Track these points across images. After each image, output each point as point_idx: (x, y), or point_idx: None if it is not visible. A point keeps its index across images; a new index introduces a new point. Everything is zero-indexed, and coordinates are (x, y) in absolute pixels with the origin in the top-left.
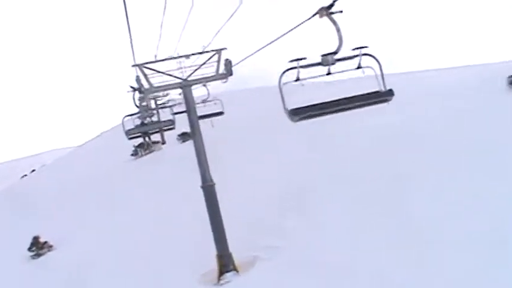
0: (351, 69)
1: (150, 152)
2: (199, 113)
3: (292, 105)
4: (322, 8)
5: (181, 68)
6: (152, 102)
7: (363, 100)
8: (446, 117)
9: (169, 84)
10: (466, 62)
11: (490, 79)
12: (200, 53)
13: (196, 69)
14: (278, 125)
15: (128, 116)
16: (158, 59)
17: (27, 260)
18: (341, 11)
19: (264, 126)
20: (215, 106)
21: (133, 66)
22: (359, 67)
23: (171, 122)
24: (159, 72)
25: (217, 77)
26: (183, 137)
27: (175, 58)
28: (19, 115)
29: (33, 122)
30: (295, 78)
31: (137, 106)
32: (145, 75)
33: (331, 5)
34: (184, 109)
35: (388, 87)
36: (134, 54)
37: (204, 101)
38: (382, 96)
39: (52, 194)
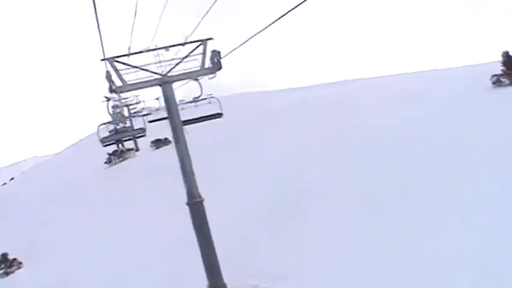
0: None
1: (124, 160)
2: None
3: None
4: None
5: (159, 62)
6: (125, 110)
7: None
8: (435, 118)
9: (146, 81)
10: (436, 65)
11: (473, 79)
12: (182, 44)
13: (177, 63)
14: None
15: (102, 124)
16: (133, 51)
17: None
18: None
19: (245, 129)
20: (208, 107)
21: (102, 60)
22: None
23: (142, 130)
24: (133, 67)
25: (202, 71)
26: (156, 143)
27: (152, 50)
28: None
29: (12, 131)
30: None
31: (111, 115)
32: (116, 71)
33: None
34: (162, 116)
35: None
36: (103, 46)
37: (195, 100)
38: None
39: (27, 203)
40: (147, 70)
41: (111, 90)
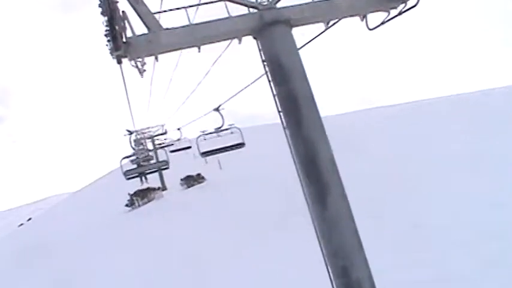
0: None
1: (149, 201)
2: None
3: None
4: None
5: None
6: (149, 143)
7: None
8: None
9: (221, 21)
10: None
11: None
12: None
13: None
14: None
15: (125, 157)
16: None
17: None
18: None
19: None
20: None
21: None
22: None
23: (166, 163)
24: None
25: None
26: (187, 181)
27: None
28: (19, 163)
29: (37, 167)
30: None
31: (133, 148)
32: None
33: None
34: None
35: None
36: None
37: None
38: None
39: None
40: None
41: (116, 46)
